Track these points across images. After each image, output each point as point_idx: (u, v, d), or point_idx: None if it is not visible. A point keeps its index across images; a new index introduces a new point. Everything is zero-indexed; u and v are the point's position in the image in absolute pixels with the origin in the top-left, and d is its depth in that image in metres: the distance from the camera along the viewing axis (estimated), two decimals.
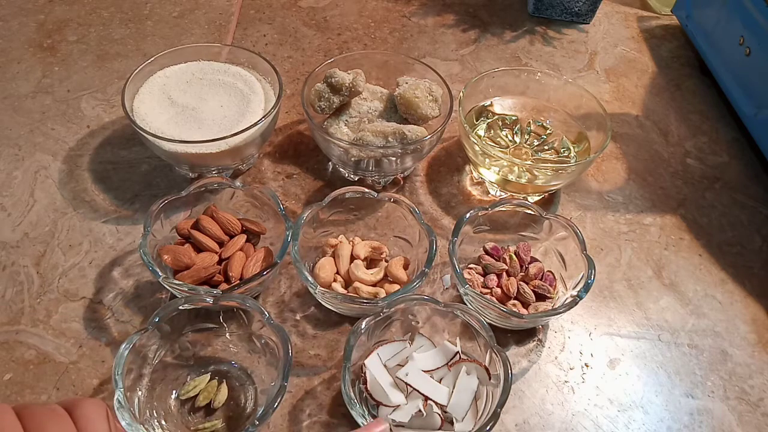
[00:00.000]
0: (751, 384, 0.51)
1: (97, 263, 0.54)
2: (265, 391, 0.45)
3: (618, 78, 0.78)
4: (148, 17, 0.80)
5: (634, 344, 0.52)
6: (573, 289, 0.51)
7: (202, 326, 0.46)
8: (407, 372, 0.44)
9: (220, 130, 0.56)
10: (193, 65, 0.63)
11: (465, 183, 0.64)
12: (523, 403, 0.48)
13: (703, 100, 0.76)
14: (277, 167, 0.63)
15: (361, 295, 0.50)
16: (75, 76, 0.71)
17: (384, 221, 0.56)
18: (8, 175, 0.60)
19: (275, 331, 0.42)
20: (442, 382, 0.45)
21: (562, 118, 0.65)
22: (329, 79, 0.59)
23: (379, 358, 0.45)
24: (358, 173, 0.61)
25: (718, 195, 0.65)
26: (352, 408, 0.41)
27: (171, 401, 0.45)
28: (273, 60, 0.65)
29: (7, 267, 0.53)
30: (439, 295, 0.54)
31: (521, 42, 0.82)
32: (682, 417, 0.48)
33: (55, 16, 0.79)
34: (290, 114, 0.69)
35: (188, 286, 0.46)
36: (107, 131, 0.65)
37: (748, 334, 0.54)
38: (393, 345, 0.47)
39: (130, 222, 0.57)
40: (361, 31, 0.81)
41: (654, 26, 0.87)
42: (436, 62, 0.77)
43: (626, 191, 0.65)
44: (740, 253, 0.60)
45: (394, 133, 0.56)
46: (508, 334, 0.52)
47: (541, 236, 0.55)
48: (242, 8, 0.83)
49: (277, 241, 0.51)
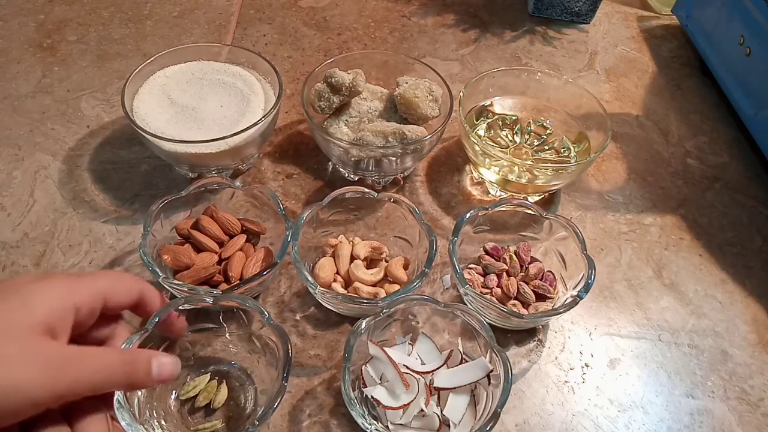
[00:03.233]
0: (751, 384, 0.51)
1: (97, 263, 0.54)
2: (265, 391, 0.45)
3: (618, 78, 0.78)
4: (148, 17, 0.80)
5: (635, 344, 0.52)
6: (573, 289, 0.51)
7: (202, 326, 0.46)
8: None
9: (220, 130, 0.56)
10: (193, 65, 0.63)
11: (465, 183, 0.64)
12: (523, 403, 0.48)
13: (703, 100, 0.76)
14: (277, 167, 0.63)
15: (361, 295, 0.50)
16: (75, 76, 0.71)
17: (384, 221, 0.56)
18: (8, 175, 0.60)
19: (275, 331, 0.42)
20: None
21: (562, 118, 0.65)
22: (329, 79, 0.59)
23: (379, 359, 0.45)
24: (358, 173, 0.61)
25: (718, 195, 0.65)
26: (352, 408, 0.41)
27: (171, 401, 0.45)
28: (273, 60, 0.65)
29: (7, 267, 0.53)
30: (439, 295, 0.54)
31: (521, 42, 0.82)
32: (683, 417, 0.48)
33: (54, 16, 0.79)
34: (290, 114, 0.69)
35: (188, 286, 0.46)
36: (107, 131, 0.65)
37: (748, 334, 0.54)
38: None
39: (129, 222, 0.57)
40: (361, 31, 0.81)
41: (654, 26, 0.87)
42: (436, 62, 0.77)
43: (626, 191, 0.65)
44: (740, 253, 0.60)
45: (394, 133, 0.56)
46: (508, 334, 0.52)
47: (541, 236, 0.55)
48: (242, 8, 0.83)
49: (277, 241, 0.51)
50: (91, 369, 0.33)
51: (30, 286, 0.33)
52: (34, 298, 0.33)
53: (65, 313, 0.33)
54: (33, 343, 0.31)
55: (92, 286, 0.36)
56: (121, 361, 0.34)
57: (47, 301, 0.33)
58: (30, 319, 0.32)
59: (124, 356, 0.35)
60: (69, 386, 0.31)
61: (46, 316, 0.32)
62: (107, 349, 0.37)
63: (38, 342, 0.32)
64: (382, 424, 0.43)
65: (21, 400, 0.30)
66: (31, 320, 0.32)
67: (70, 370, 0.32)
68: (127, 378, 0.34)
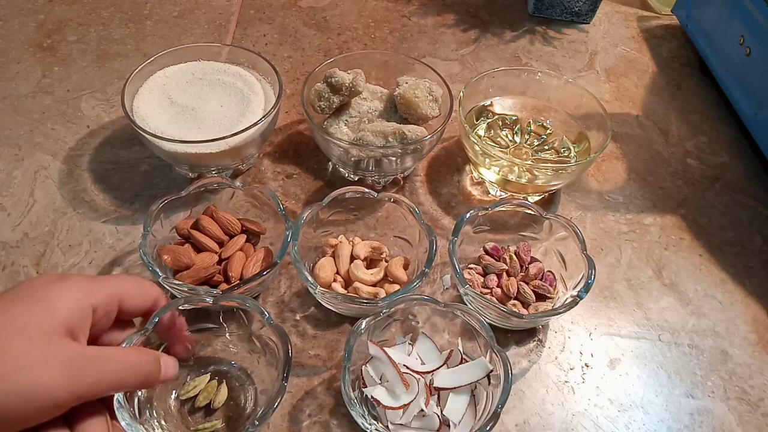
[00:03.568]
0: (751, 384, 0.51)
1: (97, 263, 0.54)
2: (265, 391, 0.45)
3: (618, 78, 0.78)
4: (148, 17, 0.80)
5: (635, 344, 0.52)
6: (573, 289, 0.51)
7: (202, 326, 0.46)
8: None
9: (220, 130, 0.56)
10: (193, 65, 0.63)
11: (465, 183, 0.64)
12: (523, 403, 0.48)
13: (703, 100, 0.76)
14: (277, 167, 0.63)
15: (361, 295, 0.50)
16: (75, 76, 0.71)
17: (384, 221, 0.56)
18: (8, 175, 0.60)
19: (275, 332, 0.42)
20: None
21: (562, 118, 0.65)
22: (329, 79, 0.59)
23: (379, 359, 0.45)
24: (358, 173, 0.61)
25: (718, 195, 0.65)
26: (352, 408, 0.41)
27: (171, 401, 0.45)
28: (273, 60, 0.65)
29: (6, 267, 0.53)
30: (439, 295, 0.54)
31: (521, 42, 0.82)
32: (683, 417, 0.48)
33: (54, 16, 0.79)
34: (290, 114, 0.69)
35: (188, 286, 0.46)
36: (107, 131, 0.65)
37: (748, 334, 0.54)
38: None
39: (129, 222, 0.57)
40: (361, 31, 0.81)
41: (654, 26, 0.87)
42: (436, 62, 0.77)
43: (626, 191, 0.65)
44: (740, 253, 0.60)
45: (394, 133, 0.56)
46: (508, 334, 0.52)
47: (541, 236, 0.55)
48: (242, 8, 0.83)
49: (277, 241, 0.51)
50: (112, 369, 0.33)
51: (49, 287, 0.33)
52: (53, 299, 0.33)
53: (84, 313, 0.34)
54: (54, 344, 0.31)
55: (109, 288, 0.36)
56: (141, 362, 0.35)
57: (66, 302, 0.33)
58: (51, 320, 0.32)
59: (142, 356, 0.35)
60: (90, 386, 0.32)
61: (66, 318, 0.33)
62: (126, 349, 0.37)
63: (59, 343, 0.32)
64: (382, 424, 0.43)
65: (44, 401, 0.30)
66: (52, 322, 0.32)
67: (91, 370, 0.32)
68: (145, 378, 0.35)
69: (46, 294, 0.33)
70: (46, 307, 0.32)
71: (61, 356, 0.31)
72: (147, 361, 0.35)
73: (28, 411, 0.30)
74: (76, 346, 0.33)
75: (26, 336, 0.31)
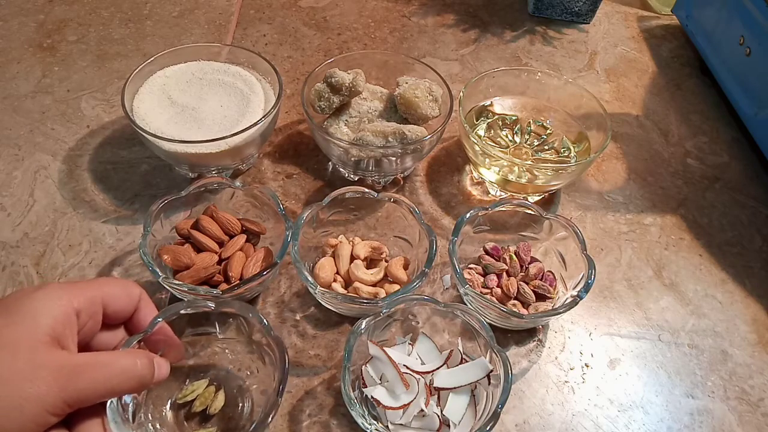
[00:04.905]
0: (751, 384, 0.51)
1: (97, 263, 0.54)
2: (262, 399, 0.44)
3: (618, 78, 0.78)
4: (148, 17, 0.80)
5: (635, 344, 0.52)
6: (573, 289, 0.51)
7: (201, 331, 0.46)
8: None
9: (220, 130, 0.56)
10: (193, 65, 0.63)
11: (465, 183, 0.64)
12: (523, 403, 0.48)
13: (703, 100, 0.76)
14: (277, 167, 0.63)
15: (361, 295, 0.50)
16: (75, 76, 0.71)
17: (384, 221, 0.56)
18: (8, 175, 0.60)
19: (274, 343, 0.42)
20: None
21: (562, 118, 0.65)
22: (329, 79, 0.59)
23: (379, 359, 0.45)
24: (358, 173, 0.61)
25: (718, 195, 0.65)
26: (352, 408, 0.41)
27: (166, 406, 0.44)
28: (273, 60, 0.65)
29: (6, 267, 0.53)
30: (439, 295, 0.54)
31: (521, 42, 0.82)
32: (683, 417, 0.48)
33: (54, 16, 0.79)
34: (290, 114, 0.69)
35: (188, 286, 0.46)
36: (107, 131, 0.65)
37: (748, 334, 0.54)
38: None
39: (129, 222, 0.57)
40: (361, 31, 0.81)
41: (654, 26, 0.87)
42: (436, 62, 0.77)
43: (626, 191, 0.65)
44: (740, 253, 0.60)
45: (394, 133, 0.56)
46: (508, 334, 0.52)
47: (541, 236, 0.55)
48: (242, 8, 0.83)
49: (277, 241, 0.51)
50: (103, 375, 0.33)
51: (30, 297, 0.33)
52: (35, 308, 0.33)
53: (68, 318, 0.34)
54: (41, 354, 0.31)
55: (90, 291, 0.36)
56: (133, 365, 0.34)
57: (48, 310, 0.33)
58: (35, 330, 0.32)
59: (135, 358, 0.35)
60: (82, 394, 0.32)
61: (50, 326, 0.32)
62: (117, 353, 0.37)
63: (46, 353, 0.32)
64: (382, 424, 0.43)
65: (35, 412, 0.30)
66: (36, 332, 0.32)
67: (81, 377, 0.32)
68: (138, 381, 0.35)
69: (27, 304, 0.33)
70: (28, 317, 0.32)
71: (49, 366, 0.31)
72: (140, 364, 0.35)
73: (24, 423, 0.30)
74: (64, 354, 0.32)
75: (11, 349, 0.31)
